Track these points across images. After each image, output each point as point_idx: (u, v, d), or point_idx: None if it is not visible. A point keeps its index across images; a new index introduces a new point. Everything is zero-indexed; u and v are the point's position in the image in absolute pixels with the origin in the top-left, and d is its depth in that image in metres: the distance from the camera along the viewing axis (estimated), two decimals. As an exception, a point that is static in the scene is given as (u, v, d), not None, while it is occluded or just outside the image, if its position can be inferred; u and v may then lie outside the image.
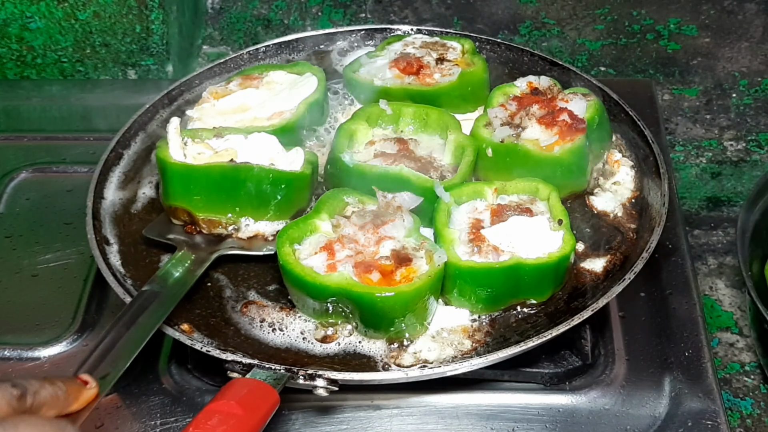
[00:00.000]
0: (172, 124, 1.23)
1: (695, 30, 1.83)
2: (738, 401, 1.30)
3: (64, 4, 1.70)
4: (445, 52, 1.45)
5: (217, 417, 0.92)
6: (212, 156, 1.21)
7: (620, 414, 1.17)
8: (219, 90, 1.38)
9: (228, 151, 1.22)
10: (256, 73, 1.41)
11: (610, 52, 1.86)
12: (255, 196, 1.21)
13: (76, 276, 1.36)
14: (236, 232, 1.23)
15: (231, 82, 1.40)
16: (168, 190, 1.22)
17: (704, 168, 1.70)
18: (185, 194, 1.21)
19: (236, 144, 1.23)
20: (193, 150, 1.22)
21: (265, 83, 1.39)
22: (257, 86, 1.38)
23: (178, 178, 1.20)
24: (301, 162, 1.23)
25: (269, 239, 1.23)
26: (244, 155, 1.21)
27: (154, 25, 1.74)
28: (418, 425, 1.16)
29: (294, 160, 1.23)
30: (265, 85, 1.39)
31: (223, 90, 1.38)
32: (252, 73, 1.41)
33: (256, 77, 1.40)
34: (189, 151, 1.22)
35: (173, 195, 1.22)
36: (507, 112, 1.31)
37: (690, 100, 1.83)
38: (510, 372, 1.19)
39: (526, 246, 1.13)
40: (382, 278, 1.08)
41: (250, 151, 1.22)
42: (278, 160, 1.22)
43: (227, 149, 1.22)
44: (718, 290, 1.46)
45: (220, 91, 1.38)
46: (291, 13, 1.89)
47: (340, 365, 1.10)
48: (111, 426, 1.16)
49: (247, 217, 1.23)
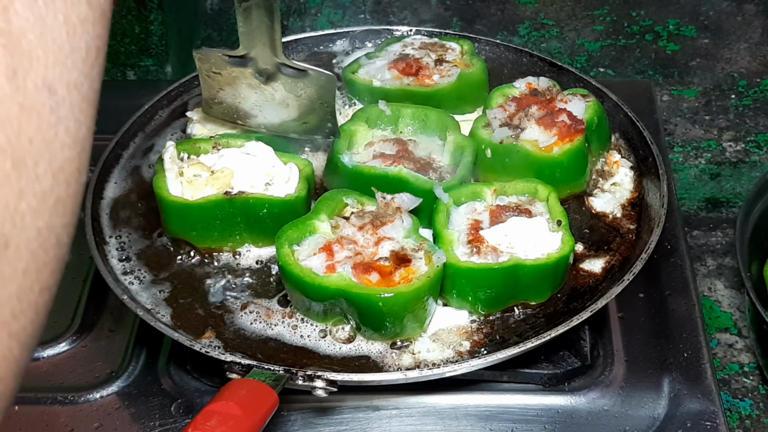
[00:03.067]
0: (168, 153, 1.22)
1: (694, 31, 1.83)
2: (737, 402, 1.30)
3: (64, 5, 1.70)
4: (444, 53, 1.45)
5: (216, 418, 0.92)
6: (208, 179, 1.21)
7: (619, 415, 1.17)
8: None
9: (224, 172, 1.21)
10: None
11: (609, 53, 1.86)
12: (253, 224, 1.21)
13: (75, 276, 1.36)
14: (237, 258, 1.24)
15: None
16: (167, 223, 1.23)
17: (703, 169, 1.70)
18: (184, 228, 1.22)
19: (232, 161, 1.23)
20: (189, 173, 1.22)
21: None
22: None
23: (175, 214, 1.20)
24: (296, 180, 1.22)
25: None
26: (240, 175, 1.21)
27: (153, 26, 1.74)
28: (417, 426, 1.16)
29: (290, 177, 1.22)
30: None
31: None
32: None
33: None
34: (186, 175, 1.21)
35: (172, 229, 1.23)
36: (506, 113, 1.31)
37: (689, 101, 1.83)
38: (509, 373, 1.19)
39: (525, 247, 1.13)
40: (381, 279, 1.08)
41: (247, 170, 1.21)
42: (275, 178, 1.22)
43: (223, 170, 1.21)
44: (717, 291, 1.46)
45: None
46: (290, 13, 1.89)
47: (339, 366, 1.10)
48: (110, 427, 1.16)
49: (247, 244, 1.24)
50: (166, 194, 1.19)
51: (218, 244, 1.23)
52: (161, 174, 1.21)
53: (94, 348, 1.26)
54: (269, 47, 1.21)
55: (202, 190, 1.20)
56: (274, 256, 1.22)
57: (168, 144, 1.24)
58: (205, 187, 1.21)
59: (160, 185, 1.20)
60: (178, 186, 1.21)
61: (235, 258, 1.23)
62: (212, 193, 1.20)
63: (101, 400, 1.19)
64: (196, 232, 1.22)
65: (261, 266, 1.23)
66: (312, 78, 1.24)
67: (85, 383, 1.21)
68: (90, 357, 1.25)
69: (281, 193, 1.21)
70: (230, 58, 1.25)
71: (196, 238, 1.22)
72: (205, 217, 1.20)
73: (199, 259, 1.23)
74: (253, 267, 1.23)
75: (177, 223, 1.21)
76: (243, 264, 1.23)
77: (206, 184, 1.21)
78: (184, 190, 1.21)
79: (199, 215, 1.20)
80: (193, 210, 1.19)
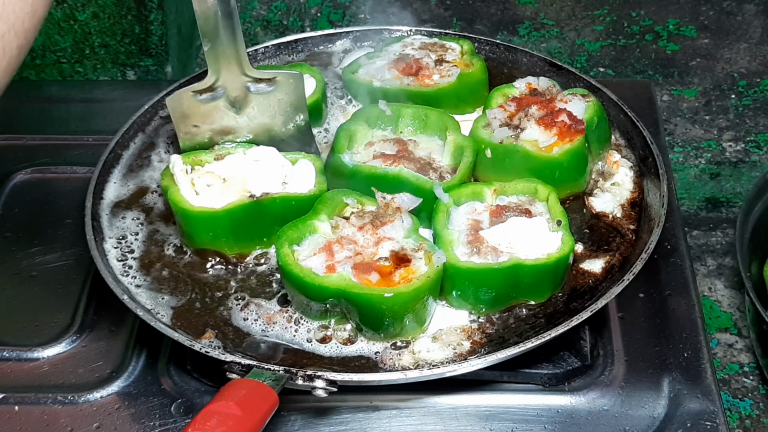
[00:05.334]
0: (177, 166, 1.20)
1: (694, 31, 1.83)
2: (737, 402, 1.30)
3: (63, 5, 1.70)
4: (444, 53, 1.45)
5: (216, 418, 0.92)
6: (224, 187, 1.19)
7: (619, 415, 1.17)
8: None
9: (236, 178, 1.20)
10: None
11: (609, 53, 1.86)
12: (281, 224, 1.18)
13: (75, 276, 1.36)
14: (265, 258, 1.23)
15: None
16: (193, 236, 1.20)
17: (703, 169, 1.70)
18: (213, 238, 1.20)
19: (238, 166, 1.21)
20: (201, 183, 1.19)
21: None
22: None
23: (202, 225, 1.18)
24: (314, 175, 1.22)
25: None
26: (253, 179, 1.20)
27: (153, 26, 1.74)
28: (417, 426, 1.16)
29: (304, 174, 1.22)
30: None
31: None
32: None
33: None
34: (198, 186, 1.19)
35: (200, 240, 1.20)
36: (506, 113, 1.31)
37: (689, 101, 1.83)
38: (509, 373, 1.19)
39: (525, 247, 1.13)
40: (381, 279, 1.08)
41: (258, 173, 1.21)
42: (288, 176, 1.21)
43: (235, 176, 1.20)
44: (717, 291, 1.46)
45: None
46: (290, 14, 1.89)
47: (339, 366, 1.10)
48: (110, 427, 1.16)
49: (275, 246, 1.22)
50: (188, 206, 1.17)
51: (247, 248, 1.22)
52: (174, 188, 1.19)
53: (94, 348, 1.26)
54: (235, 61, 1.20)
55: (221, 198, 1.18)
56: (251, 259, 1.23)
57: (173, 158, 1.22)
58: (222, 195, 1.19)
59: (178, 199, 1.17)
60: (194, 197, 1.18)
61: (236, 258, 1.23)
62: (234, 200, 1.18)
63: (101, 400, 1.19)
64: (226, 239, 1.20)
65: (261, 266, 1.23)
66: (281, 83, 1.23)
67: (85, 383, 1.21)
68: (90, 357, 1.25)
69: (303, 190, 1.20)
70: (201, 94, 1.23)
71: (224, 245, 1.20)
72: (234, 223, 1.18)
73: (199, 259, 1.23)
74: (254, 267, 1.23)
75: (205, 234, 1.19)
76: (243, 264, 1.23)
77: (222, 193, 1.19)
78: (203, 200, 1.18)
79: (227, 223, 1.18)
80: (222, 218, 1.17)
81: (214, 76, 1.21)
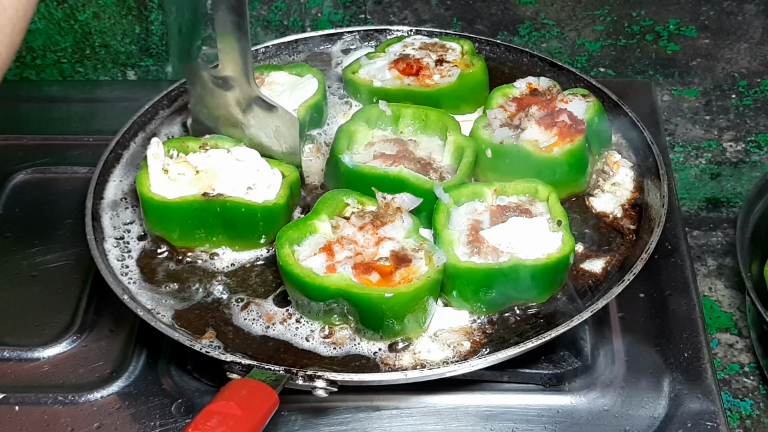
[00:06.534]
0: (151, 149, 1.22)
1: (695, 31, 1.83)
2: (737, 402, 1.30)
3: (64, 5, 1.70)
4: (445, 53, 1.45)
5: (216, 418, 0.92)
6: (192, 179, 1.21)
7: (619, 415, 1.17)
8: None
9: (207, 173, 1.21)
10: (257, 74, 1.41)
11: (609, 53, 1.86)
12: (229, 227, 1.21)
13: (76, 276, 1.36)
14: (213, 259, 1.23)
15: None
16: (146, 220, 1.23)
17: (703, 169, 1.70)
18: (162, 226, 1.22)
19: (218, 162, 1.23)
20: (174, 171, 1.22)
21: (266, 84, 1.39)
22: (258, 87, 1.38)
23: (153, 211, 1.21)
24: (278, 187, 1.22)
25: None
26: (224, 176, 1.21)
27: (153, 26, 1.74)
28: (417, 426, 1.16)
29: (272, 183, 1.22)
30: (266, 86, 1.39)
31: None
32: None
33: (258, 77, 1.40)
34: (170, 172, 1.21)
35: (151, 225, 1.23)
36: (506, 113, 1.31)
37: (689, 101, 1.83)
38: (509, 373, 1.19)
39: (525, 247, 1.13)
40: (382, 279, 1.08)
41: (231, 173, 1.21)
42: (258, 183, 1.21)
43: (207, 170, 1.22)
44: (718, 291, 1.46)
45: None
46: (290, 14, 1.89)
47: (340, 366, 1.10)
48: (110, 427, 1.16)
49: (223, 246, 1.24)
50: (145, 191, 1.20)
51: (195, 244, 1.23)
52: (144, 170, 1.22)
53: (94, 348, 1.26)
54: (243, 74, 1.23)
55: (183, 189, 1.20)
56: (251, 260, 1.23)
57: (153, 140, 1.24)
58: (188, 186, 1.21)
59: (142, 181, 1.21)
60: (162, 183, 1.21)
61: (236, 258, 1.23)
62: (192, 193, 1.20)
63: (101, 400, 1.19)
64: (173, 231, 1.21)
65: (262, 266, 1.23)
66: (279, 115, 1.25)
67: (85, 383, 1.21)
68: (90, 357, 1.25)
69: (261, 199, 1.20)
70: (216, 78, 1.26)
71: (173, 236, 1.22)
72: (183, 217, 1.20)
73: (198, 259, 1.23)
74: (254, 267, 1.23)
75: (155, 221, 1.22)
76: (243, 264, 1.23)
77: (189, 184, 1.21)
78: (166, 187, 1.20)
79: (176, 214, 1.20)
80: (171, 209, 1.19)
81: (225, 72, 1.24)
